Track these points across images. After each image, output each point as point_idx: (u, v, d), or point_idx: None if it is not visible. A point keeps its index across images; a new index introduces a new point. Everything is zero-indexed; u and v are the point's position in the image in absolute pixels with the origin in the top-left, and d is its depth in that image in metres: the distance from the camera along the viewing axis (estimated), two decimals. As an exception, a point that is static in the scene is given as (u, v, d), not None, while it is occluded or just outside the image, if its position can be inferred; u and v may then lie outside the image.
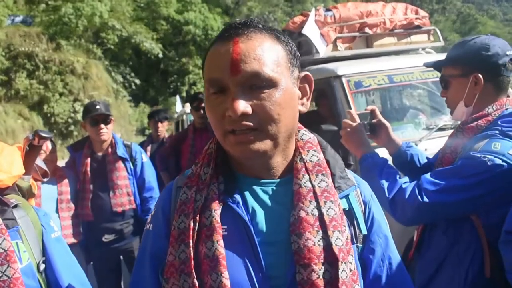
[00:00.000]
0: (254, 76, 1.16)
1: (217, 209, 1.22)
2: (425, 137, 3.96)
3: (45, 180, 2.33)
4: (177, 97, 17.12)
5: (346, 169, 1.38)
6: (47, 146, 3.97)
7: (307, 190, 1.25)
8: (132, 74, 31.13)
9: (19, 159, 1.88)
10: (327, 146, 1.39)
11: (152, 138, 6.97)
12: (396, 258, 1.39)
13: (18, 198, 1.76)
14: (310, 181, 1.26)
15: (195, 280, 1.17)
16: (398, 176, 2.15)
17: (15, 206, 1.67)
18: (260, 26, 1.23)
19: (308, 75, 1.31)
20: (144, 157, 4.46)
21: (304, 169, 1.28)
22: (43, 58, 23.24)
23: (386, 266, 1.35)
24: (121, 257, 4.53)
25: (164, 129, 6.87)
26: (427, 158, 2.46)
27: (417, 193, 1.99)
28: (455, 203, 1.95)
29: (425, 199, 1.97)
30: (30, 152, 2.19)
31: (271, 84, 1.17)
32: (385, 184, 2.12)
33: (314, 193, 1.25)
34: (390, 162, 2.32)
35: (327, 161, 1.34)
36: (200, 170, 1.30)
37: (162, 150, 6.01)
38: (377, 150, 2.38)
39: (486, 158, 1.90)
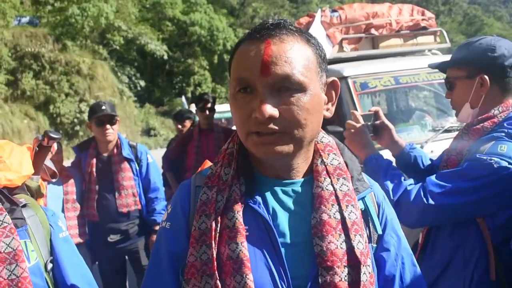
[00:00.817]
0: (284, 79, 1.14)
1: (239, 210, 1.22)
2: (431, 138, 3.95)
3: (53, 180, 2.34)
4: (183, 97, 17.16)
5: (361, 171, 1.39)
6: (53, 146, 3.98)
7: (329, 193, 1.25)
8: (138, 75, 31.21)
9: (28, 159, 1.90)
10: (344, 148, 1.39)
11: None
12: (409, 257, 1.39)
13: (27, 198, 1.77)
14: (332, 185, 1.26)
15: (218, 282, 1.17)
16: (403, 178, 2.13)
17: (24, 206, 1.67)
18: (293, 28, 1.22)
19: (336, 80, 1.30)
20: (149, 157, 4.47)
21: (325, 172, 1.28)
22: (49, 59, 23.35)
23: (399, 265, 1.35)
24: (126, 257, 4.53)
25: (188, 127, 6.99)
26: (431, 160, 2.45)
27: (422, 195, 1.98)
28: (461, 205, 1.94)
29: (431, 201, 1.95)
30: (39, 152, 2.21)
31: (301, 88, 1.16)
32: (390, 186, 2.11)
33: (336, 196, 1.25)
34: (394, 164, 2.32)
35: (346, 163, 1.34)
36: (221, 170, 1.29)
37: (168, 151, 6.02)
38: (381, 152, 2.37)
39: (493, 161, 1.89)
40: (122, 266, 4.52)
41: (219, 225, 1.21)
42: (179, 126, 6.90)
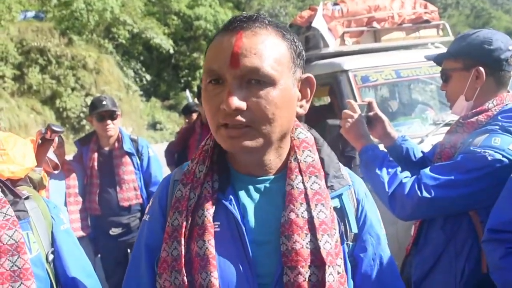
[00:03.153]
0: (253, 71, 1.15)
1: (209, 208, 1.23)
2: (432, 132, 3.93)
3: (55, 172, 2.39)
4: (187, 91, 17.14)
5: (341, 167, 1.37)
6: (55, 140, 4.00)
7: (299, 191, 1.24)
8: (144, 69, 31.21)
9: (31, 151, 1.93)
10: (324, 144, 1.38)
11: None
12: (387, 256, 1.39)
13: (30, 190, 1.79)
14: (303, 183, 1.26)
15: (185, 278, 1.19)
16: (399, 170, 2.13)
17: (27, 198, 1.70)
18: (267, 22, 1.22)
19: (311, 77, 1.29)
20: (150, 151, 4.49)
21: (297, 169, 1.27)
22: (55, 53, 23.36)
23: (377, 264, 1.35)
24: (128, 250, 4.57)
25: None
26: (422, 152, 2.45)
27: (417, 188, 1.98)
28: (455, 198, 1.95)
29: (425, 194, 1.96)
30: (42, 145, 2.24)
31: (270, 82, 1.16)
32: (385, 178, 2.11)
33: (306, 195, 1.24)
34: None
35: (322, 160, 1.33)
36: (196, 167, 1.30)
37: (170, 145, 6.04)
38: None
39: (487, 153, 1.90)
40: (124, 259, 4.56)
41: (189, 222, 1.23)
42: (187, 120, 6.93)
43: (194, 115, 6.87)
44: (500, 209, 1.76)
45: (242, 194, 1.28)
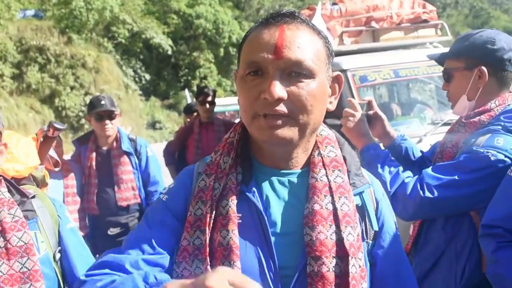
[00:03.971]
0: (295, 64, 1.18)
1: (234, 199, 1.24)
2: (430, 132, 3.93)
3: (56, 169, 2.40)
4: (186, 91, 17.17)
5: (361, 167, 1.40)
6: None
7: (322, 184, 1.26)
8: (143, 68, 31.23)
9: (34, 150, 1.95)
10: (345, 143, 1.40)
11: None
12: (402, 256, 1.41)
13: (35, 189, 1.80)
14: (327, 176, 1.28)
15: (209, 267, 1.19)
16: (400, 170, 2.13)
17: (33, 197, 1.71)
18: (306, 19, 1.26)
19: (340, 75, 1.32)
20: (149, 151, 4.48)
21: (321, 163, 1.29)
22: (54, 52, 23.39)
23: (393, 263, 1.36)
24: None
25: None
26: (422, 151, 2.45)
27: (419, 188, 1.97)
28: (457, 198, 1.94)
29: (427, 194, 1.95)
30: (44, 143, 2.25)
31: (310, 74, 1.19)
32: (387, 177, 2.10)
33: (330, 187, 1.26)
34: None
35: (344, 158, 1.35)
36: (220, 158, 1.31)
37: (169, 145, 6.03)
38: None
39: (489, 153, 1.89)
40: (122, 259, 4.54)
41: (214, 212, 1.24)
42: (188, 120, 6.94)
43: (196, 115, 6.89)
44: (493, 206, 1.77)
45: (265, 186, 1.29)
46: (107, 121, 4.18)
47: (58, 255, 1.69)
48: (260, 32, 1.22)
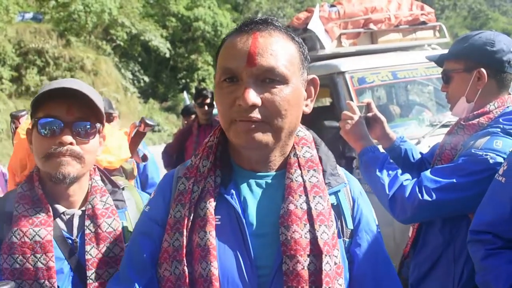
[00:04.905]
0: (269, 70, 1.21)
1: (212, 201, 1.28)
2: (429, 133, 3.94)
3: (144, 163, 2.50)
4: (185, 93, 17.17)
5: (337, 166, 1.42)
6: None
7: (297, 184, 1.29)
8: (142, 71, 31.21)
9: (126, 143, 2.05)
10: (321, 144, 1.43)
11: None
12: (382, 253, 1.42)
13: (125, 181, 1.88)
14: (302, 176, 1.31)
15: (186, 268, 1.24)
16: (399, 173, 2.12)
17: (123, 189, 1.76)
18: (279, 25, 1.28)
19: (315, 78, 1.35)
20: (147, 153, 4.47)
21: (297, 164, 1.32)
22: (53, 55, 23.37)
23: (372, 260, 1.37)
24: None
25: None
26: (421, 153, 2.44)
27: (417, 191, 1.97)
28: (456, 201, 1.94)
29: (426, 197, 1.95)
30: (135, 137, 2.36)
31: (284, 80, 1.22)
32: (386, 180, 2.10)
33: (304, 187, 1.29)
34: None
35: (320, 158, 1.38)
36: (199, 162, 1.34)
37: (167, 147, 6.04)
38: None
39: (488, 156, 1.89)
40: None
41: (192, 214, 1.27)
42: (186, 122, 6.94)
43: (193, 117, 6.88)
44: (481, 210, 1.78)
45: (243, 189, 1.32)
46: (105, 124, 4.17)
47: None
48: (234, 40, 1.25)
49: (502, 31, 2.32)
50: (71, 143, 1.54)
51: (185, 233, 1.26)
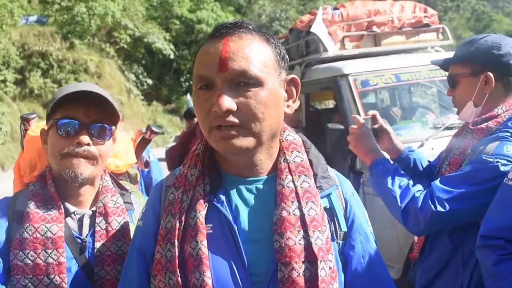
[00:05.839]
0: (241, 74, 1.19)
1: (201, 210, 1.26)
2: (432, 136, 3.94)
3: (146, 169, 2.51)
4: (188, 95, 17.18)
5: (329, 168, 1.41)
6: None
7: (289, 190, 1.28)
8: (145, 73, 31.30)
9: (132, 149, 2.06)
10: (311, 146, 1.41)
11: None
12: (376, 254, 1.41)
13: (131, 186, 1.89)
14: (293, 182, 1.29)
15: (179, 279, 1.22)
16: (411, 184, 2.08)
17: (130, 193, 1.78)
18: (251, 27, 1.26)
19: (295, 78, 1.33)
20: (151, 156, 4.49)
21: (287, 169, 1.30)
22: (57, 57, 23.49)
23: (366, 262, 1.37)
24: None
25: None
26: (429, 161, 2.41)
27: (430, 202, 1.93)
28: (470, 210, 1.90)
29: (439, 208, 1.91)
30: (140, 143, 2.39)
31: (257, 83, 1.20)
32: (397, 192, 2.06)
33: (296, 193, 1.28)
34: None
35: (310, 161, 1.36)
36: (188, 171, 1.32)
37: (171, 149, 6.05)
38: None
39: (499, 163, 1.86)
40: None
41: (183, 224, 1.26)
42: (188, 125, 6.94)
43: (196, 119, 6.88)
44: (491, 215, 1.75)
45: (234, 195, 1.30)
46: None
47: None
48: (206, 47, 1.24)
49: (506, 33, 2.29)
50: (88, 144, 1.59)
51: (176, 243, 1.24)
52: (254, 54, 1.21)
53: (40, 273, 1.52)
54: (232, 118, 1.19)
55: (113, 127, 1.68)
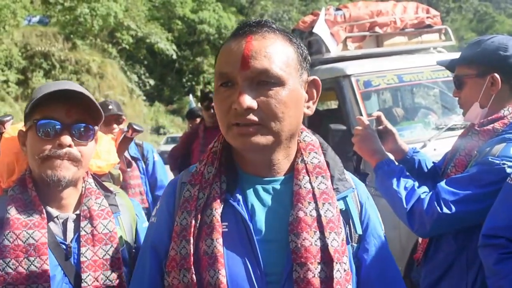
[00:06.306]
0: (263, 72, 1.20)
1: (218, 208, 1.26)
2: (434, 136, 3.94)
3: (128, 169, 2.47)
4: (190, 96, 17.19)
5: (345, 171, 1.41)
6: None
7: (306, 191, 1.28)
8: (147, 74, 31.32)
9: (114, 148, 2.01)
10: (328, 148, 1.42)
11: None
12: (389, 258, 1.42)
13: (114, 187, 1.84)
14: (310, 183, 1.29)
15: (194, 276, 1.22)
16: (416, 186, 2.08)
17: (115, 194, 1.74)
18: (274, 27, 1.28)
19: (317, 79, 1.34)
20: (155, 156, 4.50)
21: (304, 170, 1.31)
22: (59, 58, 23.50)
23: (379, 265, 1.37)
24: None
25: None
26: (434, 162, 2.40)
27: (436, 204, 1.93)
28: (476, 213, 1.90)
29: (445, 210, 1.91)
30: (122, 142, 2.35)
31: (279, 82, 1.21)
32: (403, 193, 2.06)
33: (313, 194, 1.28)
34: None
35: (327, 163, 1.37)
36: (204, 168, 1.33)
37: (174, 150, 6.05)
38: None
39: (506, 165, 1.86)
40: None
41: (198, 221, 1.26)
42: (190, 125, 6.94)
43: (198, 120, 6.89)
44: (493, 214, 1.76)
45: (250, 194, 1.30)
46: (115, 125, 4.20)
47: (133, 252, 1.69)
48: (229, 44, 1.25)
49: (508, 34, 2.28)
50: (69, 145, 1.53)
51: (191, 240, 1.24)
52: (277, 54, 1.22)
53: (22, 282, 1.45)
54: (252, 117, 1.20)
55: (96, 127, 1.63)
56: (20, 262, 1.46)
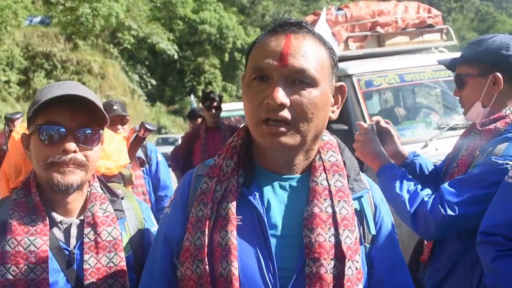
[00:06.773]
0: (299, 71, 1.21)
1: (234, 201, 1.28)
2: (436, 136, 3.94)
3: (142, 169, 2.40)
4: (192, 96, 17.24)
5: (360, 172, 1.42)
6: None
7: (322, 188, 1.29)
8: (149, 74, 31.35)
9: (125, 148, 1.98)
10: (345, 149, 1.43)
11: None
12: (401, 260, 1.43)
13: (124, 189, 1.79)
14: (327, 180, 1.31)
15: (207, 267, 1.24)
16: (419, 188, 2.07)
17: (122, 198, 1.70)
18: (312, 30, 1.30)
19: (344, 86, 1.35)
20: (159, 156, 4.51)
21: (322, 167, 1.32)
22: (60, 58, 23.55)
23: (391, 268, 1.38)
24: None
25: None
26: (435, 165, 2.39)
27: (440, 206, 1.92)
28: (480, 214, 1.86)
29: (449, 212, 1.90)
30: (134, 142, 2.31)
31: (313, 83, 1.22)
32: (406, 196, 2.05)
33: (330, 191, 1.29)
34: None
35: (344, 163, 1.38)
36: (223, 162, 1.34)
37: (175, 150, 6.06)
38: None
39: (509, 165, 1.84)
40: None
41: (214, 213, 1.27)
42: (192, 125, 6.94)
43: (199, 120, 6.90)
44: (491, 212, 1.76)
45: (266, 190, 1.31)
46: (119, 126, 4.20)
47: (139, 258, 1.65)
48: (267, 40, 1.26)
49: (510, 33, 2.27)
50: (74, 151, 1.48)
51: (207, 232, 1.25)
52: (314, 55, 1.24)
53: None
54: (284, 113, 1.21)
55: (101, 131, 1.57)
56: (20, 269, 1.44)
